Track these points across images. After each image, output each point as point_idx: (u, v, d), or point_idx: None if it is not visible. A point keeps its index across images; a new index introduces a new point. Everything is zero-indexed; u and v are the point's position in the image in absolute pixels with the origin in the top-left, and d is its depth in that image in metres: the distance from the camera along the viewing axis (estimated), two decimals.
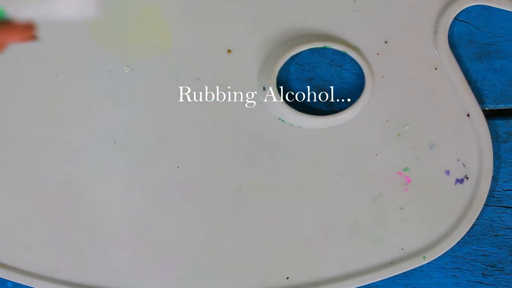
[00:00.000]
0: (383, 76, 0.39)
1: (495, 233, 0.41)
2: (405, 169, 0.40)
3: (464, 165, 0.40)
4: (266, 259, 0.40)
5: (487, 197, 0.40)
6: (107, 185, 0.40)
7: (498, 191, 0.41)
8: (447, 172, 0.40)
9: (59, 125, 0.39)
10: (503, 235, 0.41)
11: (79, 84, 0.39)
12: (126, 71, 0.39)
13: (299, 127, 0.40)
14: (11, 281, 0.40)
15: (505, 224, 0.41)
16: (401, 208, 0.40)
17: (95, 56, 0.39)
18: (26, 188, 0.39)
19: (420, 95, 0.40)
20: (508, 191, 0.41)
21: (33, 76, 0.39)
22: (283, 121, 0.39)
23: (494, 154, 0.40)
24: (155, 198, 0.40)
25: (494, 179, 0.41)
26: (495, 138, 0.41)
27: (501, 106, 0.41)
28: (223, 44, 0.39)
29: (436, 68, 0.40)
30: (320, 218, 0.40)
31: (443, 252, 0.40)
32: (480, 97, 0.40)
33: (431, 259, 0.40)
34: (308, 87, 0.40)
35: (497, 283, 0.41)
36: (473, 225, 0.40)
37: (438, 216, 0.40)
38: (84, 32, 0.39)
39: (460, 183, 0.40)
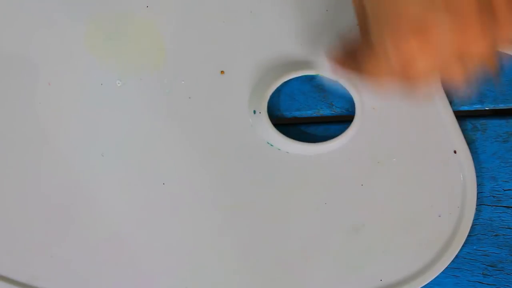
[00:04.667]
0: (373, 108, 0.40)
1: (495, 233, 0.41)
2: (389, 201, 0.40)
3: (447, 200, 0.40)
4: (246, 281, 0.40)
5: (487, 197, 0.41)
6: (92, 198, 0.40)
7: (498, 191, 0.41)
8: (431, 206, 0.40)
9: (47, 134, 0.39)
10: (503, 235, 0.41)
11: (70, 95, 0.39)
12: (119, 85, 0.39)
13: (287, 152, 0.40)
14: None
15: (505, 224, 0.41)
16: (383, 239, 0.40)
17: (89, 68, 0.39)
18: (10, 195, 0.39)
19: (408, 129, 0.40)
20: (508, 191, 0.41)
21: (25, 83, 0.39)
22: (271, 145, 0.40)
23: (494, 154, 0.41)
24: (140, 214, 0.40)
25: (494, 179, 0.41)
26: (495, 138, 0.41)
27: (501, 106, 0.41)
28: (217, 65, 0.39)
29: (426, 103, 0.40)
30: (301, 243, 0.40)
31: (421, 286, 0.40)
32: (480, 97, 0.41)
33: None
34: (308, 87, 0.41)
35: (497, 283, 0.41)
36: (473, 225, 0.41)
37: (419, 249, 0.40)
38: (78, 44, 0.39)
39: (443, 217, 0.40)
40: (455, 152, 0.40)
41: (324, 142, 0.39)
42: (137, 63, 0.39)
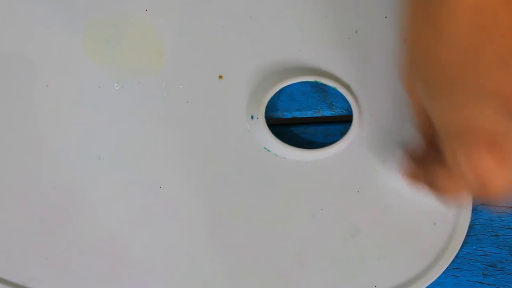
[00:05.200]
0: (372, 115, 0.40)
1: (495, 233, 0.41)
2: (385, 208, 0.40)
3: (443, 208, 0.40)
4: (242, 286, 0.40)
5: None
6: (88, 199, 0.40)
7: None
8: (426, 213, 0.40)
9: (44, 136, 0.39)
10: (503, 235, 0.41)
11: (68, 97, 0.39)
12: (117, 88, 0.39)
13: (284, 158, 0.40)
14: None
15: (505, 224, 0.41)
16: (378, 246, 0.40)
17: (87, 71, 0.39)
18: (6, 197, 0.39)
19: (406, 136, 0.40)
20: None
21: (23, 85, 0.39)
22: (268, 150, 0.40)
23: None
24: (135, 216, 0.40)
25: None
26: None
27: None
28: (215, 69, 0.39)
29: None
30: (296, 249, 0.40)
31: None
32: None
33: None
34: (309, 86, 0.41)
35: (497, 283, 0.41)
36: (473, 225, 0.41)
37: (414, 256, 0.40)
38: (77, 46, 0.39)
39: (438, 225, 0.40)
40: None
41: (321, 149, 0.39)
42: (135, 67, 0.39)
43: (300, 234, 0.40)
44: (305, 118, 0.41)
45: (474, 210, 0.41)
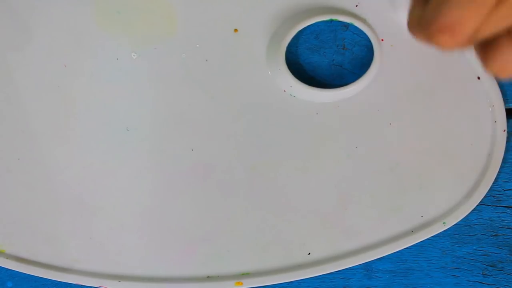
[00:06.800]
0: (392, 45, 0.39)
1: (495, 233, 0.41)
2: (419, 136, 0.40)
3: (478, 128, 0.40)
4: (286, 237, 0.40)
5: (487, 197, 0.41)
6: (122, 173, 0.39)
7: (498, 191, 0.41)
8: (462, 136, 0.40)
9: (70, 116, 0.39)
10: (503, 235, 0.41)
11: (88, 74, 0.39)
12: (134, 57, 0.39)
13: (311, 101, 0.39)
14: (9, 281, 0.40)
15: (505, 224, 0.41)
16: (419, 176, 0.40)
17: (102, 45, 0.39)
18: (42, 181, 0.39)
19: (430, 61, 0.39)
20: (508, 191, 0.41)
21: (42, 69, 0.39)
22: (293, 96, 0.39)
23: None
24: (171, 183, 0.40)
25: (494, 179, 0.41)
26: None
27: None
28: (229, 23, 0.39)
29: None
30: (337, 191, 0.40)
31: (463, 217, 0.40)
32: None
33: (451, 225, 0.40)
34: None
35: (497, 283, 0.41)
36: (473, 225, 0.41)
37: (456, 181, 0.40)
38: (89, 22, 0.39)
39: (475, 145, 0.40)
40: (478, 78, 0.39)
41: (346, 87, 0.39)
42: (149, 34, 0.39)
43: (338, 175, 0.40)
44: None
45: (474, 210, 0.41)
